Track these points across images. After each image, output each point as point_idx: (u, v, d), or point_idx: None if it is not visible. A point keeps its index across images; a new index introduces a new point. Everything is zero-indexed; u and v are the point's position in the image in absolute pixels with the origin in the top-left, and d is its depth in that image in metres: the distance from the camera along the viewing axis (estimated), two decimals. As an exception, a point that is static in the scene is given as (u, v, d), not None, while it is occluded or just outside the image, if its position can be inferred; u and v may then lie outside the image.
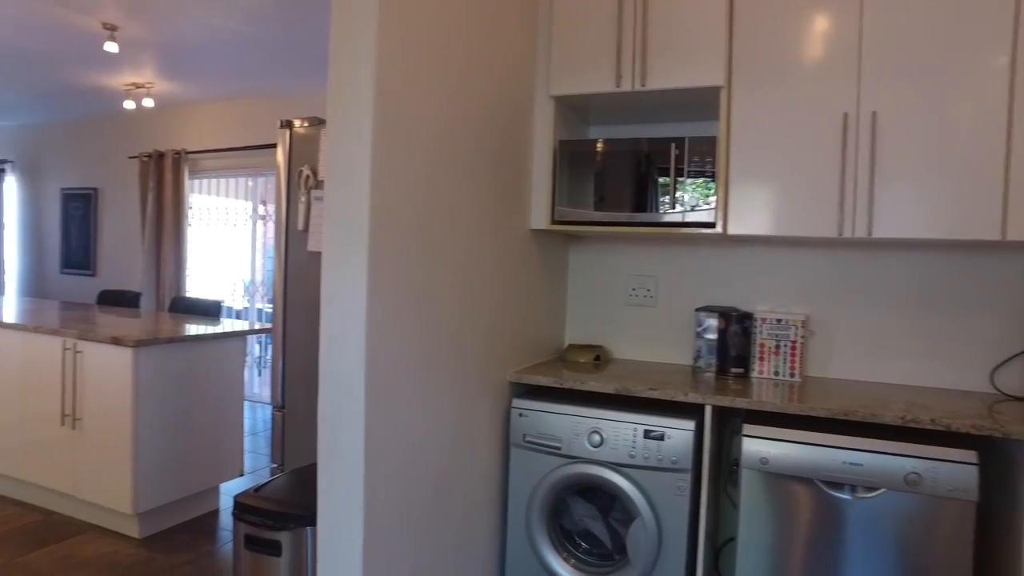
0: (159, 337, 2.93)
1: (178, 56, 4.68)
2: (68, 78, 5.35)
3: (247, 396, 5.71)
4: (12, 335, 3.29)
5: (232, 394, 3.35)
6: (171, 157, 6.03)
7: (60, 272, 7.28)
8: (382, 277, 1.54)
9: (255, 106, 5.74)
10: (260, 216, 5.89)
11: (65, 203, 7.18)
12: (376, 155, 1.49)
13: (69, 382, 3.04)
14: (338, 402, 1.52)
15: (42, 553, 2.82)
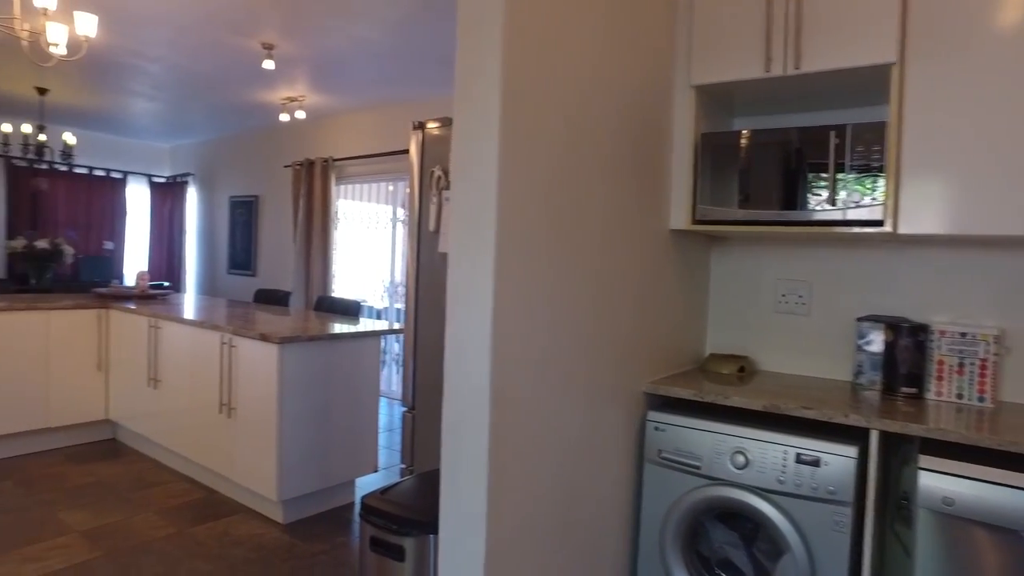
0: (302, 335, 3.08)
1: (326, 69, 4.96)
2: (234, 96, 5.86)
3: (387, 393, 5.94)
4: (183, 328, 3.61)
5: (368, 391, 3.46)
6: (320, 164, 6.43)
7: (227, 272, 8.01)
8: (510, 278, 1.47)
9: (394, 113, 5.97)
10: (400, 219, 6.11)
11: (232, 209, 7.90)
12: (504, 150, 1.43)
13: (226, 374, 3.28)
14: (462, 408, 1.47)
15: (204, 528, 3.06)
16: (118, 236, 8.49)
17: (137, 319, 3.97)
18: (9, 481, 3.56)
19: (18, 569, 2.64)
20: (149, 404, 3.89)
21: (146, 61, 4.91)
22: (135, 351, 3.98)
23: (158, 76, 5.34)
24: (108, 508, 3.24)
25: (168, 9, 3.81)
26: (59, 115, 6.94)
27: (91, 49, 4.64)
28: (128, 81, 5.56)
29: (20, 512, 3.16)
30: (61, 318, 4.03)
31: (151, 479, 3.66)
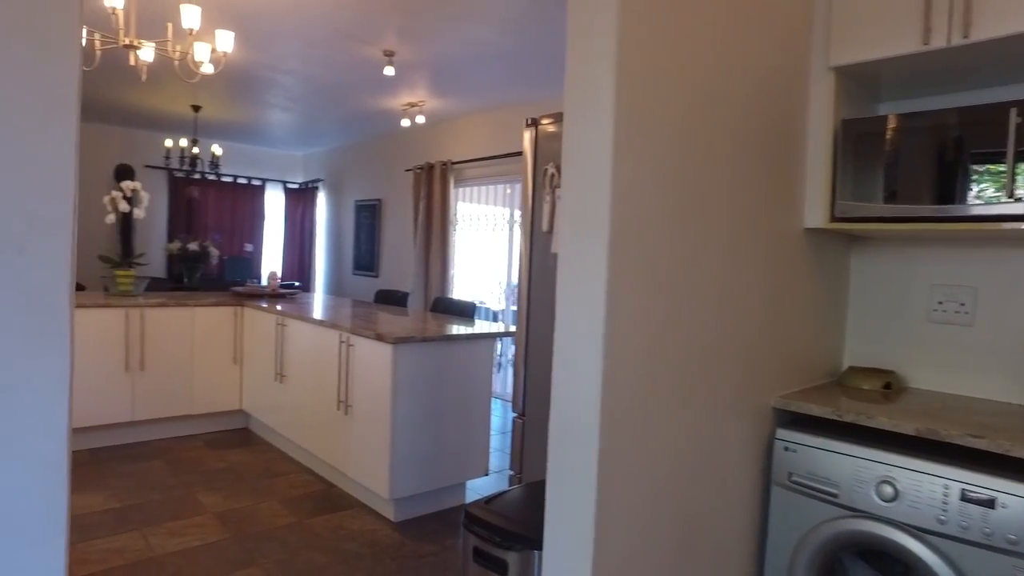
0: (416, 335, 3.11)
1: (444, 73, 5.04)
2: (359, 104, 6.11)
3: (502, 396, 5.95)
4: (305, 327, 3.77)
5: (480, 394, 3.44)
6: (439, 168, 6.56)
7: (352, 273, 8.40)
8: (624, 279, 1.35)
9: (511, 115, 5.97)
10: (516, 221, 6.10)
11: (357, 213, 8.27)
12: (618, 137, 1.32)
13: (343, 371, 3.38)
14: (570, 418, 1.37)
15: (321, 519, 3.17)
16: (257, 239, 9.14)
17: (266, 317, 4.21)
18: (160, 460, 3.88)
19: (164, 542, 2.85)
20: (276, 397, 4.11)
21: (279, 74, 5.22)
22: (264, 347, 4.22)
23: (291, 88, 5.66)
24: (238, 493, 3.44)
25: (296, 24, 4.01)
26: (209, 129, 7.57)
27: (233, 66, 5.00)
28: (265, 94, 5.94)
29: (167, 491, 3.42)
30: (203, 314, 4.36)
31: (277, 469, 3.86)
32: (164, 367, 4.21)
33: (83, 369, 3.92)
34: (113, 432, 4.11)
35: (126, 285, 4.38)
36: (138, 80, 5.58)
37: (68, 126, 0.82)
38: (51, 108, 0.81)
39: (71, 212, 0.83)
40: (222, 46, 3.08)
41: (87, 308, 3.92)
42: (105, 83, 5.74)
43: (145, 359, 4.13)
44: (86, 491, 3.39)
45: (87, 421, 3.96)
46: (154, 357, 4.17)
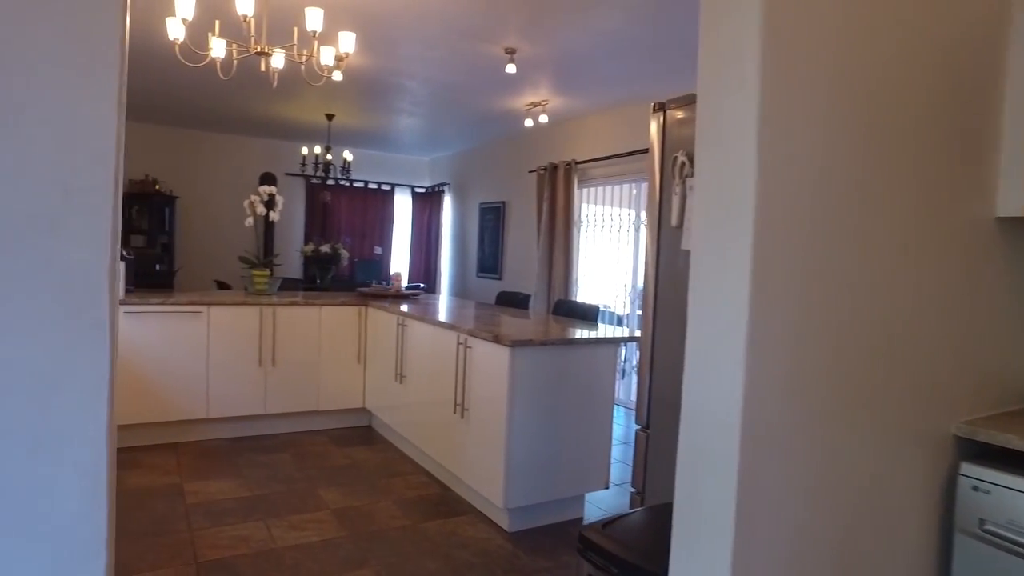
0: (534, 338, 2.97)
1: (568, 69, 4.89)
2: (482, 105, 6.10)
3: (626, 403, 5.70)
4: (424, 327, 3.75)
5: (602, 401, 3.25)
6: (562, 168, 6.42)
7: (476, 275, 8.45)
8: (771, 279, 1.13)
9: (637, 112, 5.71)
10: (643, 222, 5.83)
11: (481, 216, 8.32)
12: (766, 108, 1.09)
13: (460, 374, 3.31)
14: (703, 441, 1.16)
15: (436, 524, 3.11)
16: (386, 241, 9.46)
17: (388, 317, 4.25)
18: (287, 453, 4.02)
19: (285, 534, 2.91)
20: (396, 397, 4.13)
21: (404, 79, 5.30)
22: (386, 347, 4.27)
23: (415, 92, 5.75)
24: (357, 491, 3.47)
25: (416, 25, 4.02)
26: (342, 137, 7.92)
27: (360, 73, 5.14)
28: (392, 100, 6.09)
29: (292, 483, 3.52)
30: (330, 313, 4.48)
31: (395, 468, 3.86)
32: (293, 364, 4.37)
33: (223, 362, 4.14)
34: (248, 423, 4.32)
35: (261, 284, 4.60)
36: (277, 92, 5.90)
37: (109, 81, 0.73)
38: (90, 59, 0.72)
39: (112, 183, 0.74)
40: (345, 47, 3.12)
41: (226, 306, 4.14)
42: (247, 96, 6.13)
43: (276, 355, 4.31)
44: (223, 477, 3.55)
45: (226, 412, 4.18)
46: (284, 354, 4.34)
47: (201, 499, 3.26)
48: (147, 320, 3.91)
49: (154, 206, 7.56)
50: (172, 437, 4.12)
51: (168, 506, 3.15)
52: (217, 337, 4.11)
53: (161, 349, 3.96)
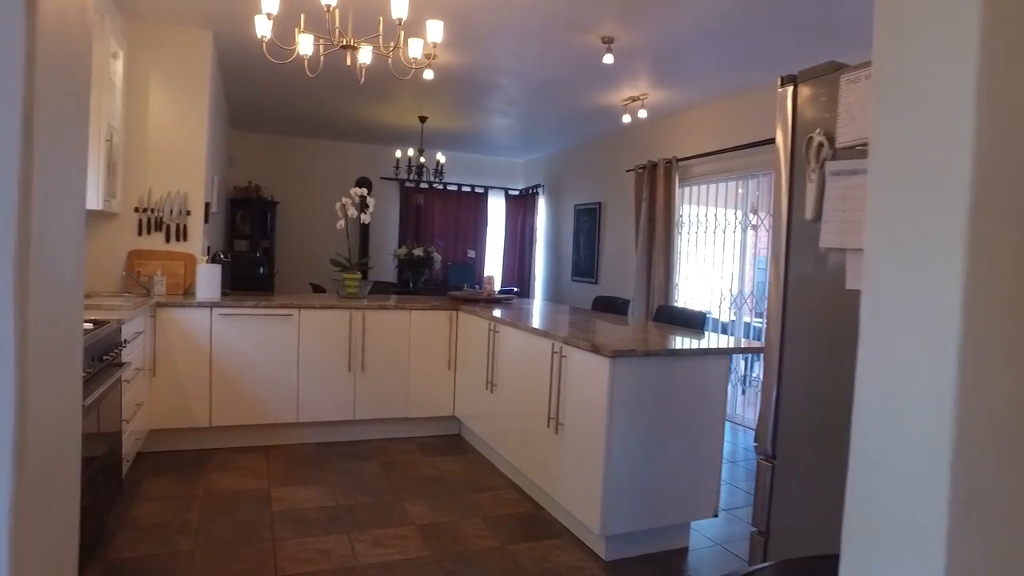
0: (637, 348, 2.68)
1: (668, 58, 4.54)
2: (578, 101, 5.83)
3: (730, 417, 5.25)
4: (517, 334, 3.53)
5: (711, 420, 2.90)
6: (662, 166, 6.04)
7: (571, 279, 8.18)
8: (994, 282, 0.80)
9: (744, 104, 5.27)
10: (751, 224, 5.37)
11: (577, 217, 8.04)
12: (986, 42, 0.77)
13: (555, 385, 3.05)
14: (886, 502, 0.85)
15: (525, 547, 2.87)
16: (479, 245, 9.36)
17: (479, 322, 4.06)
18: (375, 461, 3.91)
19: (368, 550, 2.76)
20: (486, 407, 3.93)
21: (496, 75, 5.12)
22: (477, 353, 4.08)
23: (508, 90, 5.56)
24: (444, 505, 3.28)
25: (508, 17, 3.81)
26: (435, 140, 7.88)
27: (452, 72, 5.00)
28: (485, 99, 5.93)
29: (377, 495, 3.38)
30: (420, 318, 4.35)
31: (484, 482, 3.66)
32: (382, 369, 4.27)
33: (313, 368, 4.09)
34: (336, 429, 4.26)
35: (352, 288, 4.54)
36: (370, 95, 5.90)
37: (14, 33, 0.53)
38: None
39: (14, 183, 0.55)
40: (433, 36, 2.96)
41: (316, 309, 4.09)
42: (342, 101, 6.17)
43: (366, 360, 4.22)
44: (310, 484, 3.47)
45: (316, 416, 4.13)
46: (374, 359, 4.24)
47: (287, 506, 3.18)
48: (240, 322, 3.91)
49: (257, 211, 7.80)
50: (264, 440, 4.11)
51: (255, 512, 3.09)
52: (307, 341, 4.07)
53: (254, 352, 3.95)
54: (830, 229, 1.65)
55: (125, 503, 3.11)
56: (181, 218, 4.34)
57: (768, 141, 4.92)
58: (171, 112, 4.30)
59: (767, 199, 5.28)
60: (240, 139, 8.19)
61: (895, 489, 0.83)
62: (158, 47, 4.24)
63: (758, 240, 5.38)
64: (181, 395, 3.82)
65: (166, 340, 3.77)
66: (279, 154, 8.45)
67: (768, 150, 4.98)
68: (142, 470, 3.57)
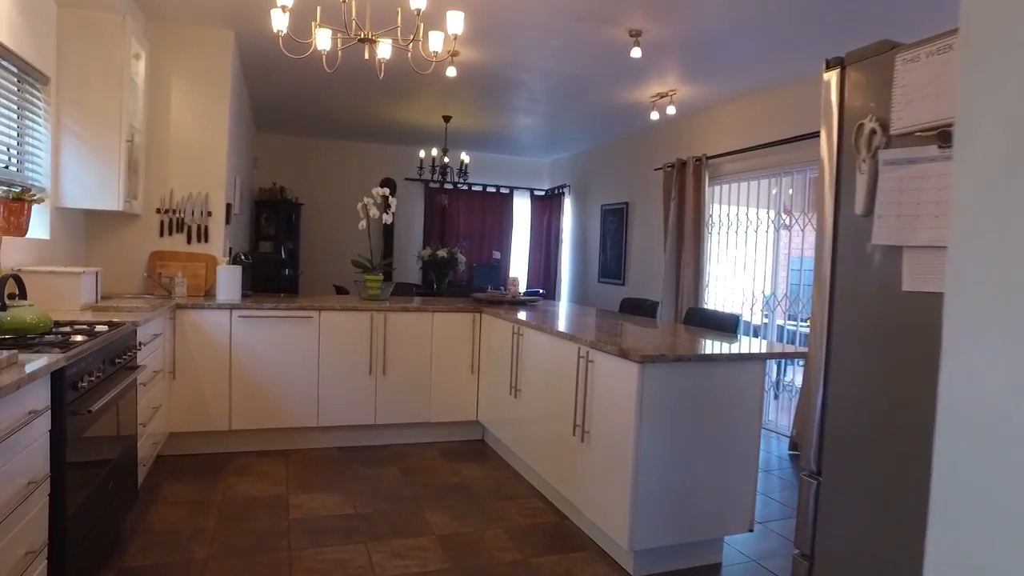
0: (667, 353, 2.53)
1: (698, 51, 4.38)
2: (604, 98, 5.69)
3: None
4: (542, 337, 3.40)
5: (746, 429, 2.74)
6: (692, 164, 5.86)
7: (597, 281, 8.03)
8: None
9: (778, 99, 5.07)
10: (784, 224, 5.17)
11: (603, 218, 7.88)
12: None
13: (581, 391, 2.92)
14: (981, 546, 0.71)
15: (549, 560, 2.74)
16: (504, 246, 9.25)
17: (503, 325, 3.95)
18: (395, 467, 3.81)
19: (385, 562, 2.66)
20: (510, 412, 3.81)
21: (521, 72, 5.01)
22: (500, 357, 3.97)
23: (533, 87, 5.44)
24: (465, 514, 3.17)
25: (531, 8, 3.69)
26: (460, 140, 7.79)
27: (476, 69, 4.90)
28: (509, 97, 5.82)
29: (397, 502, 3.28)
30: (442, 320, 4.25)
31: (508, 490, 3.54)
32: (404, 372, 4.17)
33: (334, 371, 4.01)
34: (357, 433, 4.17)
35: (374, 289, 4.46)
36: (393, 95, 5.83)
37: None
38: None
39: None
40: (453, 28, 2.85)
41: (336, 311, 4.01)
42: (365, 101, 6.11)
43: (387, 363, 4.13)
44: (329, 491, 3.39)
45: (337, 420, 4.05)
46: (395, 362, 4.15)
47: (305, 514, 3.10)
48: (260, 324, 3.85)
49: (281, 213, 7.79)
50: (284, 444, 4.04)
51: (272, 520, 3.01)
52: (328, 343, 3.99)
53: (274, 354, 3.89)
54: (884, 224, 1.49)
55: (142, 508, 3.06)
56: (203, 219, 4.30)
57: (802, 137, 4.73)
58: (193, 112, 4.26)
59: (800, 197, 5.08)
60: (265, 141, 8.20)
61: (993, 531, 0.69)
62: (180, 47, 4.21)
63: (791, 240, 5.19)
64: (200, 398, 3.77)
65: (185, 342, 3.73)
66: (304, 155, 8.44)
67: (802, 146, 4.78)
68: (161, 474, 3.52)
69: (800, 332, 5.23)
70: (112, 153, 3.54)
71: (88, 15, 3.48)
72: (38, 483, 1.70)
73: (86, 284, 3.22)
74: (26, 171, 3.26)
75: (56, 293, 3.07)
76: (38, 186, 3.36)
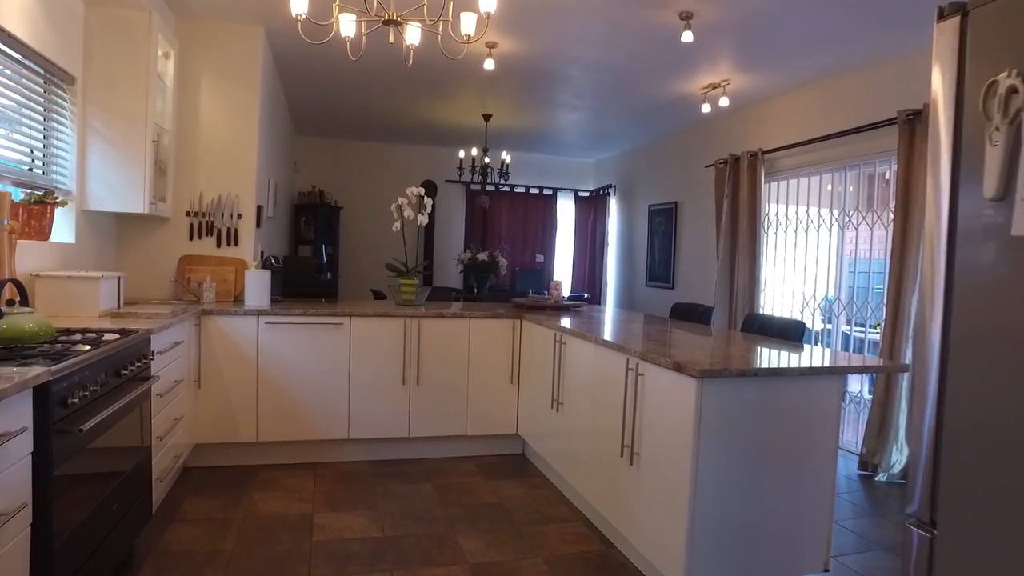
0: (730, 368, 2.21)
1: (755, 37, 4.01)
2: (652, 91, 5.35)
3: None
4: (586, 347, 3.11)
5: (820, 454, 2.39)
6: (746, 159, 5.47)
7: (645, 284, 7.66)
8: None
9: (839, 87, 4.65)
10: (849, 223, 4.74)
11: (651, 219, 7.52)
12: None
13: (630, 408, 2.61)
14: None
15: (596, 595, 2.44)
16: (548, 249, 8.96)
17: (544, 332, 3.66)
18: (429, 484, 3.56)
19: (415, 593, 2.41)
20: (552, 427, 3.52)
21: (564, 64, 4.72)
22: (542, 367, 3.68)
23: (577, 81, 5.15)
24: (502, 540, 2.89)
25: (583, -13, 3.41)
26: (501, 139, 7.55)
27: (517, 62, 4.64)
28: (551, 92, 5.54)
29: (429, 524, 3.03)
30: (480, 327, 3.99)
31: (549, 511, 3.24)
32: (439, 383, 3.93)
33: (365, 380, 3.79)
34: (390, 446, 3.94)
35: (409, 294, 4.23)
36: (431, 93, 5.62)
37: None
38: None
39: None
40: (485, 6, 2.59)
41: (368, 317, 3.79)
42: (402, 101, 5.91)
43: (421, 373, 3.89)
44: (357, 509, 3.16)
45: (368, 433, 3.83)
46: (430, 371, 3.91)
47: (329, 535, 2.87)
48: (288, 331, 3.66)
49: (321, 217, 7.68)
50: (313, 457, 3.84)
51: (294, 542, 2.79)
52: (359, 351, 3.78)
53: (303, 363, 3.69)
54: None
55: (161, 525, 2.88)
56: (233, 222, 4.15)
57: (865, 128, 4.31)
58: (223, 112, 4.12)
59: (861, 193, 4.65)
60: (305, 145, 8.11)
61: None
62: (209, 45, 4.07)
63: (857, 239, 4.75)
64: (227, 408, 3.60)
65: (211, 350, 3.56)
66: (343, 159, 8.33)
67: (863, 138, 4.36)
68: (185, 487, 3.35)
69: (869, 339, 4.79)
70: (138, 154, 3.41)
71: (115, 13, 3.35)
72: (10, 515, 1.49)
73: (106, 290, 3.07)
74: (52, 174, 3.14)
75: (73, 299, 2.92)
76: (63, 188, 3.24)
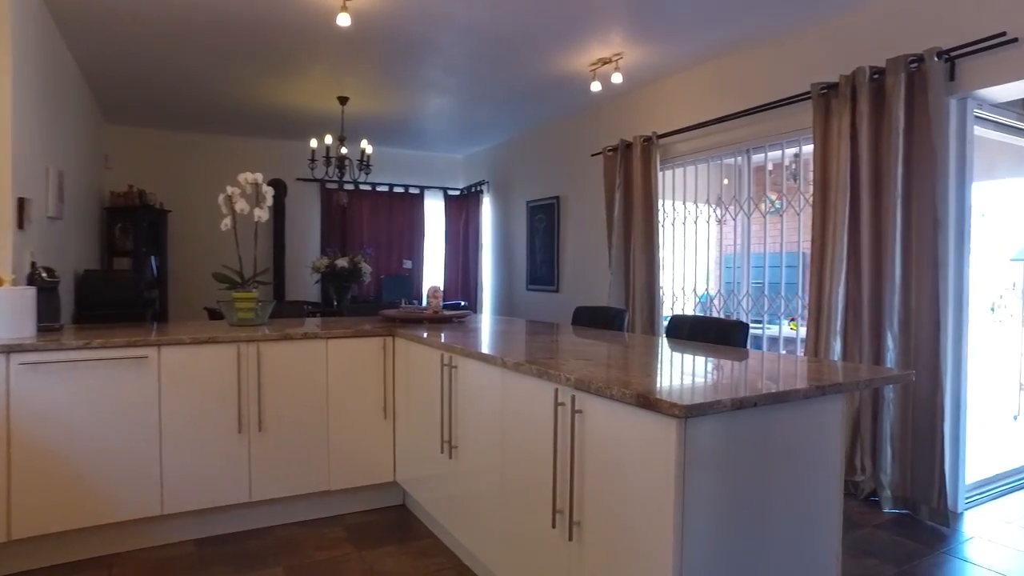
0: (723, 398, 1.52)
1: (652, 2, 3.47)
2: (534, 67, 4.69)
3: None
4: (489, 371, 2.32)
5: (823, 488, 1.78)
6: (639, 145, 4.97)
7: (526, 288, 7.03)
8: None
9: (744, 62, 4.25)
10: (754, 209, 4.35)
11: (530, 216, 6.91)
12: None
13: (566, 460, 1.86)
14: None
15: None
16: (416, 254, 8.10)
17: (427, 352, 2.84)
18: (279, 568, 2.61)
19: None
20: (444, 477, 2.70)
21: (435, 26, 3.93)
22: (425, 397, 2.85)
23: (448, 50, 4.38)
24: (387, 657, 2.03)
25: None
26: (359, 129, 6.60)
27: (376, 22, 3.79)
28: (419, 66, 4.72)
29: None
30: (340, 349, 3.09)
31: (448, 595, 2.43)
32: (289, 426, 2.98)
33: (184, 433, 2.76)
34: (224, 517, 2.93)
35: (246, 311, 3.24)
36: (275, 70, 4.61)
37: None
38: None
39: None
40: None
41: (185, 345, 2.77)
42: (243, 82, 4.84)
43: (264, 415, 2.92)
44: (171, 627, 2.14)
45: (192, 503, 2.80)
46: (275, 412, 2.95)
47: None
48: (62, 374, 2.55)
49: (141, 222, 6.30)
50: (109, 547, 2.74)
51: None
52: (174, 393, 2.75)
53: (88, 417, 2.60)
54: None
55: None
56: (-22, 221, 2.94)
57: (775, 104, 3.90)
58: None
59: (765, 178, 4.28)
60: (119, 136, 6.68)
61: None
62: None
63: (766, 228, 4.39)
64: (-39, 493, 2.43)
65: (-70, 409, 2.38)
66: (171, 154, 6.97)
67: (775, 115, 3.97)
68: None
69: (783, 335, 4.41)
70: None
71: None
72: None
73: None
74: None
75: None
76: None
